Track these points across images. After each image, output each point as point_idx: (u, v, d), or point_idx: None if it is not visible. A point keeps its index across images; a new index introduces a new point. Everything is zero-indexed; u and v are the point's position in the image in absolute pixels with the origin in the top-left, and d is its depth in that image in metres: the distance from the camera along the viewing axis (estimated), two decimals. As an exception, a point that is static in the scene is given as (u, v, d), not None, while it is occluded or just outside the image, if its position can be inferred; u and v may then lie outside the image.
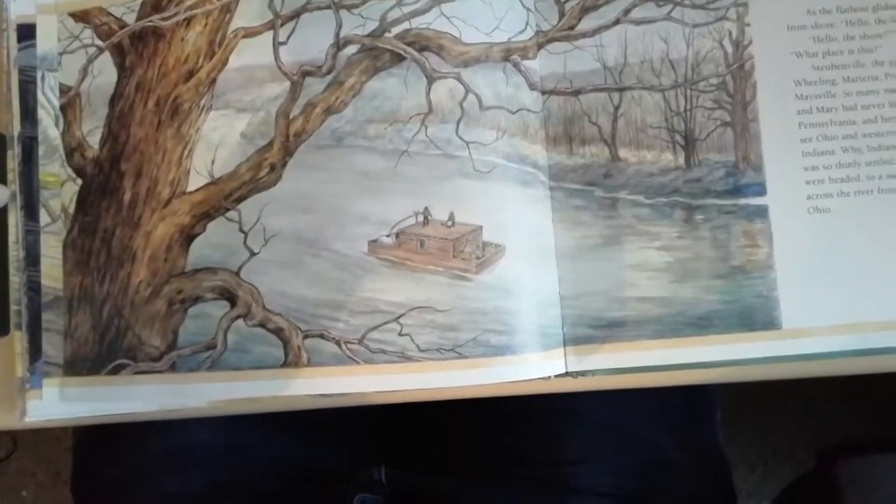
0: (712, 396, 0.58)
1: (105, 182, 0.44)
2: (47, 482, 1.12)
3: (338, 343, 0.42)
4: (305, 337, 0.42)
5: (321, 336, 0.42)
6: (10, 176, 0.44)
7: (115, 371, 0.43)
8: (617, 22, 0.44)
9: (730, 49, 0.43)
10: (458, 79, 0.43)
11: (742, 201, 0.43)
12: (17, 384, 0.44)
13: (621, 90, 0.43)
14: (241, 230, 0.43)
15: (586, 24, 0.44)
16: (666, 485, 0.53)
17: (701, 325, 0.42)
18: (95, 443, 0.57)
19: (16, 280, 0.44)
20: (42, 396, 0.44)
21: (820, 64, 0.43)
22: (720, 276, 0.42)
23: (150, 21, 0.44)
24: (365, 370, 0.42)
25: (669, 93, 0.43)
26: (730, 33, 0.43)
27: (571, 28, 0.44)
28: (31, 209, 0.44)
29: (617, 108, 0.43)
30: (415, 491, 0.54)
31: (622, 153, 0.43)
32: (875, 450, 0.46)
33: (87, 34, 0.45)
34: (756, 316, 0.42)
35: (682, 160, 0.43)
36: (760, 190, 0.43)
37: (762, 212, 0.43)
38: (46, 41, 0.45)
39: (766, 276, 0.42)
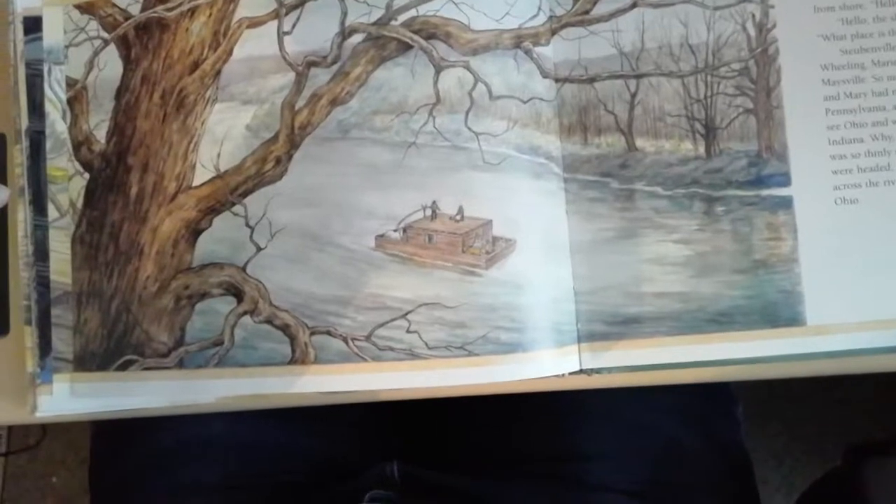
0: (732, 391, 0.57)
1: (112, 176, 0.44)
2: (76, 468, 1.14)
3: (345, 340, 0.41)
4: (312, 333, 0.42)
5: (328, 333, 0.41)
6: (17, 171, 0.44)
7: (124, 367, 0.43)
8: (634, 5, 0.42)
9: (753, 32, 0.41)
10: (467, 67, 0.41)
11: (765, 192, 0.41)
12: (27, 379, 0.44)
13: (638, 77, 0.42)
14: (247, 225, 0.42)
15: (602, 7, 0.42)
16: (683, 480, 0.52)
17: (721, 321, 0.41)
18: (110, 435, 0.57)
19: (25, 275, 0.44)
20: (52, 392, 0.43)
21: (848, 47, 0.41)
22: (742, 271, 0.41)
23: (155, 12, 0.43)
24: (372, 368, 0.41)
25: (689, 79, 0.42)
26: (753, 16, 0.41)
27: (586, 12, 0.42)
28: (39, 204, 0.44)
29: (634, 95, 0.42)
30: (427, 486, 0.53)
31: (639, 143, 0.42)
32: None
33: (93, 26, 0.44)
34: (779, 312, 0.41)
35: (702, 149, 0.41)
36: (784, 180, 0.41)
37: (786, 203, 0.41)
38: (52, 34, 0.44)
39: (790, 271, 0.41)
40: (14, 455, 1.13)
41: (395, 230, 0.41)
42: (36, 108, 0.44)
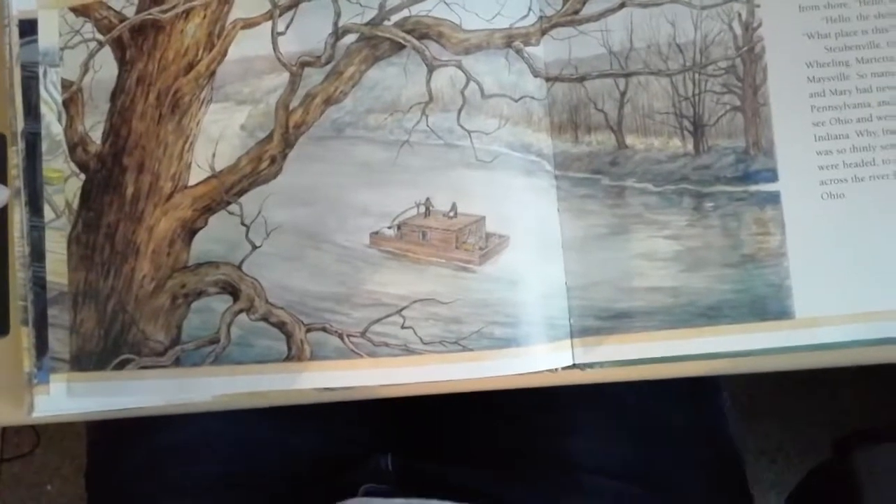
0: (717, 379, 0.57)
1: (108, 177, 0.44)
2: (71, 476, 1.13)
3: (340, 336, 0.42)
4: (308, 330, 0.42)
5: (324, 329, 0.42)
6: (13, 172, 0.44)
7: (121, 366, 0.43)
8: (622, 5, 0.43)
9: (739, 31, 0.42)
10: (459, 66, 0.42)
11: (753, 188, 0.42)
12: (24, 379, 0.44)
13: (627, 76, 0.42)
14: (242, 223, 0.43)
15: (591, 7, 0.43)
16: (670, 460, 0.52)
17: (711, 314, 0.41)
18: (107, 436, 0.57)
19: (21, 276, 0.44)
20: (49, 392, 0.44)
21: (833, 45, 0.42)
22: (731, 265, 0.42)
23: (150, 14, 0.44)
24: (368, 363, 0.41)
25: (677, 77, 0.42)
26: (739, 15, 0.42)
27: (576, 12, 0.43)
28: (35, 205, 0.44)
29: (623, 94, 0.43)
30: (421, 478, 0.53)
31: (629, 140, 0.42)
32: (892, 437, 0.45)
33: (88, 28, 0.44)
34: (768, 305, 0.41)
35: (690, 146, 0.42)
36: (772, 176, 0.42)
37: (774, 198, 0.42)
38: (48, 36, 0.45)
39: (778, 265, 0.41)
40: (8, 462, 1.12)
41: (389, 227, 0.42)
42: (31, 109, 0.45)
